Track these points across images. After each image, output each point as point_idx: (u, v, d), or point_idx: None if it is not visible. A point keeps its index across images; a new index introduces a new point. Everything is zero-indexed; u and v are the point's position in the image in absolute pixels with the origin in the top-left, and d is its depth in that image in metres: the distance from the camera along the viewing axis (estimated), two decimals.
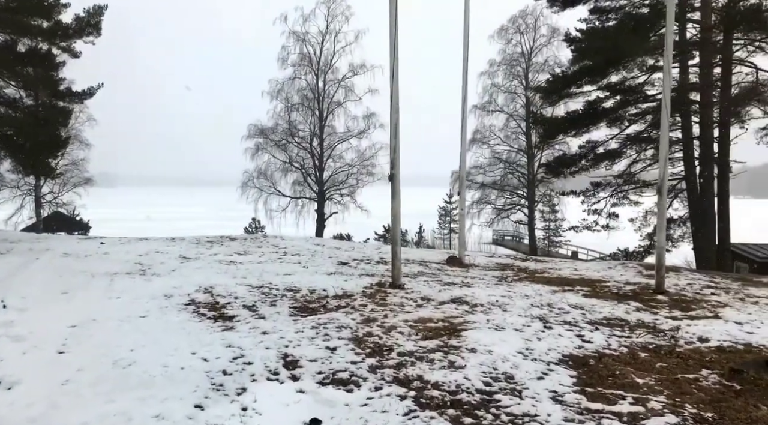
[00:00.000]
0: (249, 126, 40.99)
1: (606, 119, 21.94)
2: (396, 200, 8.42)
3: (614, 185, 26.52)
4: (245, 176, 41.53)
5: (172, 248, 12.74)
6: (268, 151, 41.54)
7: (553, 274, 10.81)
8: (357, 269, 10.67)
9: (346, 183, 42.80)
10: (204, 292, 7.70)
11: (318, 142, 41.75)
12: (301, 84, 41.31)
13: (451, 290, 8.31)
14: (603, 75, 21.44)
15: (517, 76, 43.30)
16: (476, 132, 43.41)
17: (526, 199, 42.70)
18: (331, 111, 42.00)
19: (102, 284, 7.93)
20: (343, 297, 7.57)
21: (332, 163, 42.73)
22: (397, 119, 8.25)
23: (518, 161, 43.32)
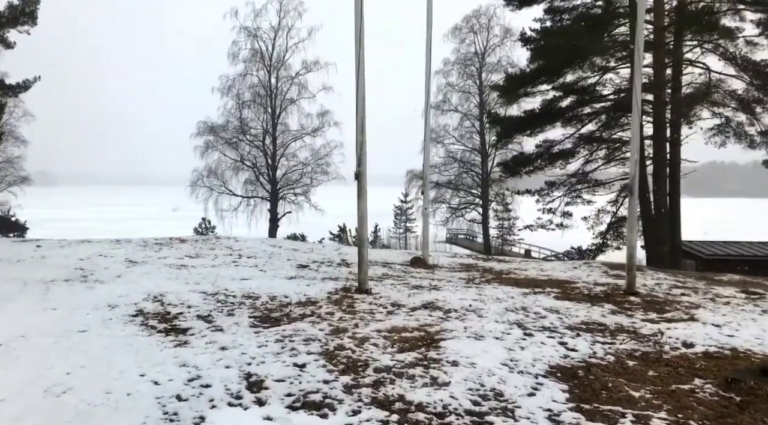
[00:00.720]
0: (198, 123, 39.74)
1: (562, 119, 22.04)
2: (363, 200, 7.94)
3: (568, 184, 26.79)
4: (195, 175, 40.28)
5: (118, 252, 11.89)
6: (219, 149, 40.40)
7: (519, 275, 10.54)
8: (318, 272, 10.13)
9: (300, 182, 42.06)
10: (153, 301, 7.03)
11: (271, 140, 40.84)
12: (252, 80, 40.33)
13: (421, 294, 7.88)
14: (559, 74, 21.52)
15: (471, 76, 43.47)
16: (431, 131, 43.25)
17: (480, 198, 42.90)
18: (284, 108, 41.16)
19: (35, 294, 7.15)
20: (308, 304, 7.04)
21: (285, 161, 41.92)
22: (363, 112, 7.77)
23: (472, 160, 43.48)
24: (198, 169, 39.41)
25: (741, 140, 21.37)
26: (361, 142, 7.78)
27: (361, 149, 7.78)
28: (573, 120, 22.14)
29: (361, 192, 7.91)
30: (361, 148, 7.78)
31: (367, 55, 7.79)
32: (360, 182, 7.87)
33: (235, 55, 39.50)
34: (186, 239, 14.63)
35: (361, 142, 7.78)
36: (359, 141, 7.79)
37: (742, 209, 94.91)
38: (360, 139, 7.79)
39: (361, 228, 8.03)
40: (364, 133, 7.79)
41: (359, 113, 7.76)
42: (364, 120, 7.78)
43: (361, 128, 7.75)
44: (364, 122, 7.78)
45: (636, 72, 8.60)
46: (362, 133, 7.76)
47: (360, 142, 7.79)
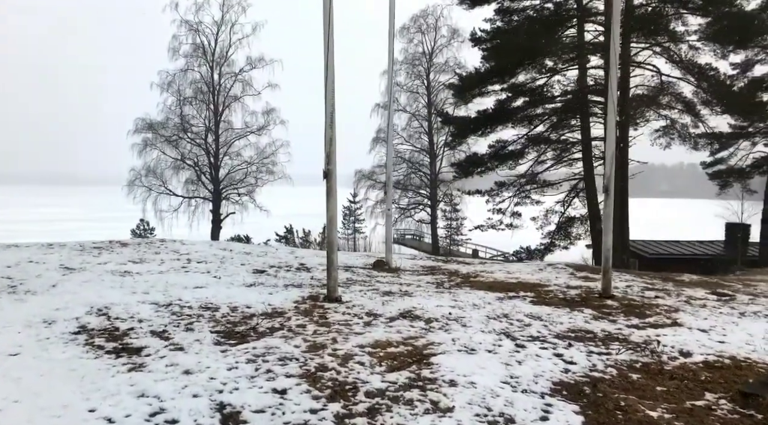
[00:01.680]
0: (136, 120, 37.99)
1: (514, 119, 22.03)
2: (332, 200, 7.34)
3: (517, 184, 26.94)
4: (132, 174, 38.46)
5: (51, 257, 10.82)
6: (158, 147, 38.74)
7: (488, 278, 10.18)
8: (278, 278, 9.45)
9: (245, 182, 40.81)
10: (98, 314, 6.22)
11: (213, 138, 39.43)
12: (194, 76, 38.86)
13: (395, 301, 7.36)
14: (512, 75, 21.49)
15: (419, 76, 43.41)
16: (379, 131, 43.05)
17: (429, 198, 42.84)
18: (227, 106, 39.90)
19: None
20: (275, 316, 6.39)
21: (229, 160, 40.65)
22: (333, 105, 7.18)
23: (421, 160, 43.38)
24: (136, 168, 37.65)
25: (685, 141, 21.94)
26: (330, 137, 7.19)
27: (330, 146, 7.19)
28: (525, 121, 22.18)
29: (331, 192, 7.31)
30: (330, 144, 7.19)
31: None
32: (329, 181, 7.27)
33: (175, 50, 37.98)
34: (127, 243, 13.58)
35: (330, 137, 7.19)
36: (328, 137, 7.20)
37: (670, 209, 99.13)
38: (329, 134, 7.19)
39: (331, 231, 7.43)
40: (333, 128, 7.20)
41: (328, 105, 7.16)
42: (333, 114, 7.19)
43: (330, 122, 7.16)
44: (333, 115, 7.19)
45: (612, 70, 8.37)
46: (331, 127, 7.17)
47: (329, 137, 7.20)
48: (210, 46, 38.55)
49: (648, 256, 27.52)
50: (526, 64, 21.12)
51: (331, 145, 7.21)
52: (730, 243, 28.20)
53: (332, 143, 7.22)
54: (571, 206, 27.13)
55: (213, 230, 38.89)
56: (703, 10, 20.23)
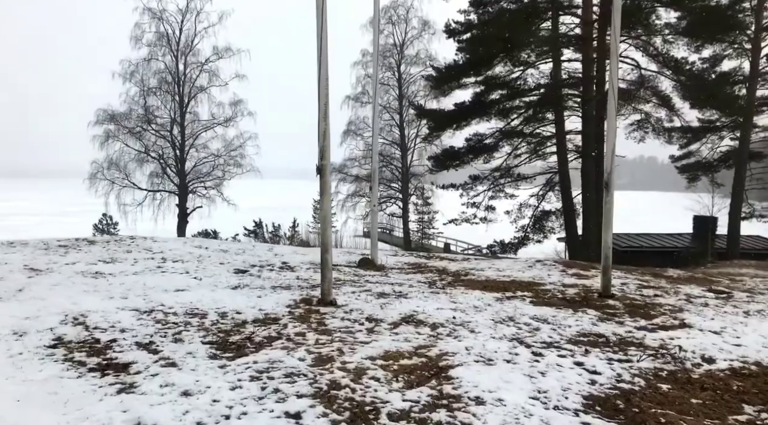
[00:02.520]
0: (97, 111, 36.52)
1: (492, 112, 21.82)
2: (326, 197, 6.91)
3: (491, 178, 26.83)
4: (94, 167, 37.02)
5: (13, 257, 10.10)
6: (121, 139, 37.35)
7: (479, 276, 9.88)
8: (262, 278, 8.96)
9: (212, 175, 39.78)
10: (74, 324, 5.66)
11: (179, 130, 38.26)
12: (158, 66, 37.58)
13: (392, 304, 6.97)
14: (490, 67, 21.25)
15: (390, 68, 42.91)
16: (350, 123, 42.56)
17: (400, 192, 42.52)
18: (193, 96, 38.72)
19: None
20: (269, 322, 5.94)
21: (195, 153, 39.50)
22: (326, 96, 6.73)
23: (392, 153, 42.99)
24: (98, 160, 36.25)
25: (660, 135, 22.09)
26: (324, 130, 6.74)
27: (324, 139, 6.74)
28: (502, 114, 22.00)
29: (325, 188, 6.87)
30: (324, 137, 6.74)
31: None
32: (322, 177, 6.83)
33: (138, 39, 36.60)
34: (95, 241, 12.86)
35: (324, 130, 6.74)
36: (322, 129, 6.75)
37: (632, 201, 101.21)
38: (323, 127, 6.74)
39: (325, 230, 6.99)
40: (327, 120, 6.75)
41: (322, 96, 6.71)
42: (327, 105, 6.74)
43: (324, 114, 6.71)
44: (327, 107, 6.74)
45: (612, 60, 8.10)
46: (325, 120, 6.72)
47: (323, 130, 6.74)
48: (174, 34, 37.31)
49: (620, 249, 27.74)
50: (502, 56, 20.89)
51: (325, 138, 6.76)
52: (698, 236, 28.68)
53: (326, 137, 6.77)
54: (545, 200, 27.18)
55: (179, 225, 37.84)
56: (676, 4, 20.30)
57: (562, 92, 22.78)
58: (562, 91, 22.80)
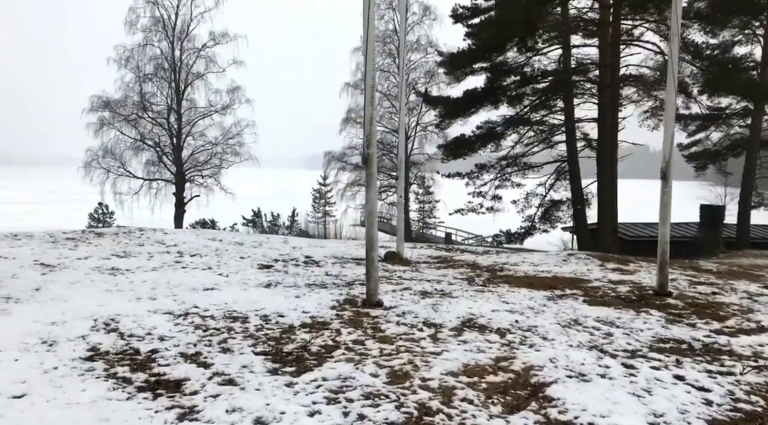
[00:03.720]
0: (92, 97, 35.55)
1: (505, 99, 21.25)
2: (372, 190, 6.35)
3: (498, 167, 26.35)
4: (88, 155, 36.05)
5: (20, 251, 9.50)
6: (116, 127, 36.41)
7: (517, 272, 9.38)
8: (291, 275, 8.42)
9: (209, 163, 38.95)
10: (106, 330, 5.11)
11: (175, 117, 37.38)
12: (154, 52, 36.55)
13: (442, 305, 6.46)
14: (501, 52, 20.65)
15: (391, 55, 42.09)
16: (350, 111, 41.79)
17: None
18: (190, 83, 37.75)
19: None
20: (317, 327, 5.41)
21: (192, 141, 38.58)
22: (373, 79, 6.16)
23: (392, 142, 42.31)
24: (92, 148, 35.35)
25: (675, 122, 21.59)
26: (370, 116, 6.17)
27: (370, 125, 6.17)
28: (515, 100, 21.43)
29: (371, 180, 6.31)
30: (370, 123, 6.17)
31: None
32: (369, 167, 6.26)
33: (132, 23, 35.54)
34: (103, 233, 12.24)
35: (370, 116, 6.17)
36: (368, 115, 6.18)
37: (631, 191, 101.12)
38: (369, 112, 6.17)
39: (371, 226, 6.43)
40: (374, 105, 6.19)
41: (368, 79, 6.13)
42: (374, 89, 6.17)
43: (370, 98, 6.14)
44: (374, 91, 6.17)
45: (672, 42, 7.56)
46: (372, 105, 6.15)
47: (369, 116, 6.18)
48: (170, 19, 36.30)
49: (628, 238, 27.38)
50: (516, 41, 20.28)
51: (372, 124, 6.20)
52: (706, 225, 28.35)
53: (372, 123, 6.20)
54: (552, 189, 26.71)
55: (176, 215, 37.07)
56: None
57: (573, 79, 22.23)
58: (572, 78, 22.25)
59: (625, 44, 20.27)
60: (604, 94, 19.12)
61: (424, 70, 41.48)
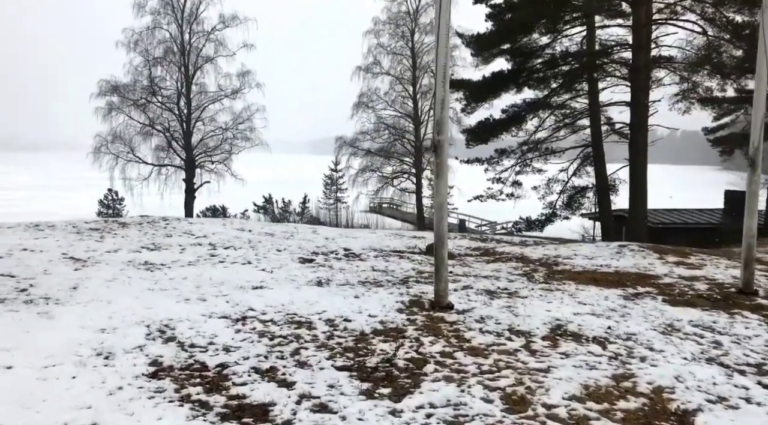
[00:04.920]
0: (100, 82, 34.76)
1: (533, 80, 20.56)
2: (442, 180, 5.77)
3: (519, 152, 25.71)
4: (97, 141, 35.37)
5: (46, 243, 8.97)
6: (124, 111, 35.71)
7: (574, 266, 8.82)
8: (337, 270, 7.88)
9: (220, 149, 38.24)
10: (163, 339, 4.57)
11: (185, 102, 36.66)
12: (163, 35, 35.71)
13: (516, 307, 5.90)
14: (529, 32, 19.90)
15: (403, 37, 41.18)
16: (362, 95, 40.91)
17: (413, 167, 41.21)
18: (199, 67, 36.95)
19: None
20: (393, 335, 4.86)
21: (202, 126, 37.86)
22: (446, 58, 5.54)
23: (405, 127, 41.56)
24: (102, 133, 34.70)
25: (707, 106, 20.88)
26: (442, 98, 5.57)
27: (442, 108, 5.57)
28: (542, 83, 20.72)
29: (441, 169, 5.73)
30: (442, 106, 5.57)
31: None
32: (439, 155, 5.68)
33: (141, 6, 34.69)
34: (127, 223, 11.69)
35: (442, 98, 5.57)
36: (440, 97, 5.57)
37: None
38: (441, 94, 5.57)
39: (441, 220, 5.84)
40: (446, 86, 5.58)
41: (441, 56, 5.52)
42: (447, 68, 5.56)
43: (443, 77, 5.54)
44: (447, 71, 5.56)
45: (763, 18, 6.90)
46: (444, 86, 5.55)
47: (441, 98, 5.57)
48: (179, 1, 35.53)
49: (653, 226, 26.75)
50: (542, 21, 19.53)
51: (444, 108, 5.60)
52: (731, 212, 27.72)
53: (444, 106, 5.60)
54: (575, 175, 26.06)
55: (186, 201, 36.50)
56: None
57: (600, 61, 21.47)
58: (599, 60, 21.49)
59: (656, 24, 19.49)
60: (638, 76, 18.38)
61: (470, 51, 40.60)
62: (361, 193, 41.81)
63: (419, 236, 13.25)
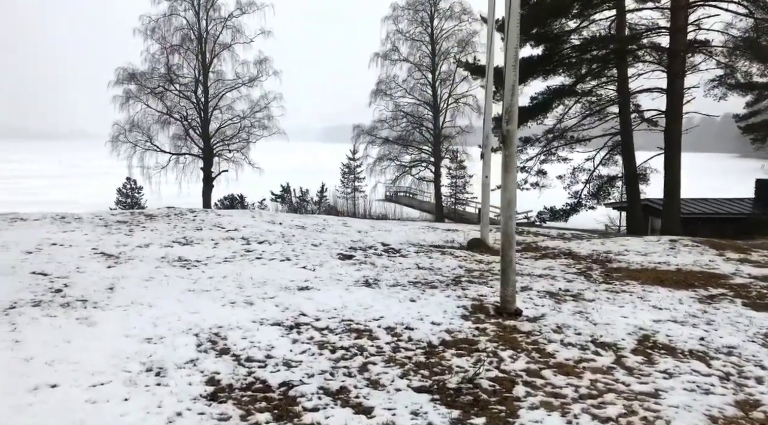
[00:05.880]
0: (117, 70, 34.33)
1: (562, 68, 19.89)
2: (511, 174, 5.30)
3: (544, 140, 25.09)
4: (115, 129, 35.03)
5: (74, 237, 8.60)
6: (142, 100, 35.32)
7: (630, 263, 8.30)
8: (380, 267, 7.42)
9: (237, 137, 37.78)
10: (215, 350, 4.14)
11: (202, 90, 36.21)
12: (180, 22, 35.17)
13: (587, 312, 5.42)
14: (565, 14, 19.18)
15: (422, 23, 40.38)
16: (380, 82, 40.18)
17: (431, 155, 40.57)
18: (216, 54, 36.40)
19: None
20: (464, 347, 4.41)
21: (219, 114, 37.40)
22: (516, 39, 5.03)
23: (424, 114, 40.85)
24: (119, 122, 34.39)
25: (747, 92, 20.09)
26: (512, 82, 5.06)
27: (512, 94, 5.07)
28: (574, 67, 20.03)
29: (510, 162, 5.24)
30: (512, 92, 5.06)
31: None
32: (508, 146, 5.18)
33: None
34: (154, 215, 11.31)
35: (512, 82, 5.06)
36: (510, 82, 5.06)
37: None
38: (511, 78, 5.06)
39: (509, 220, 5.35)
40: (516, 70, 5.06)
41: (511, 37, 5.00)
42: (517, 50, 5.04)
43: (513, 60, 5.02)
44: (517, 52, 5.04)
45: None
46: (514, 70, 5.03)
47: (511, 83, 5.06)
48: None
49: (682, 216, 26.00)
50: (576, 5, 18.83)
51: (513, 94, 5.09)
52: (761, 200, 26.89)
53: (514, 92, 5.09)
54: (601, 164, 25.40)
55: (204, 190, 36.17)
56: None
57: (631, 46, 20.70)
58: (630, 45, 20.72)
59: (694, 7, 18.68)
60: (676, 61, 17.64)
61: (457, 39, 39.73)
62: (378, 182, 41.27)
63: (453, 228, 12.77)
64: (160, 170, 36.51)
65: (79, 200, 42.14)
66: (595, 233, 15.72)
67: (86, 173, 61.53)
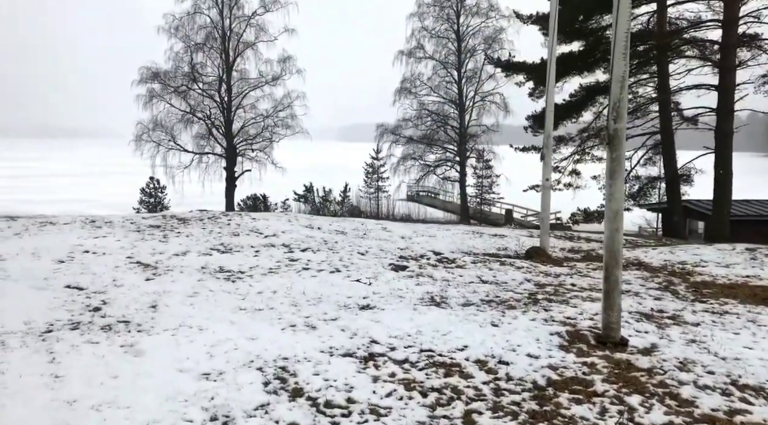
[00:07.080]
0: (141, 69, 33.95)
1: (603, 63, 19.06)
2: (619, 180, 4.55)
3: (578, 139, 24.27)
4: (139, 128, 34.67)
5: (108, 243, 8.02)
6: (165, 99, 34.92)
7: (716, 277, 7.50)
8: (441, 281, 6.72)
9: (261, 136, 37.23)
10: (287, 392, 3.47)
11: (225, 89, 35.74)
12: (203, 20, 34.74)
13: (703, 342, 4.67)
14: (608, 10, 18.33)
15: (448, 20, 39.55)
16: (404, 81, 39.42)
17: (457, 154, 39.71)
18: (240, 53, 35.92)
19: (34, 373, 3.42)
20: (578, 389, 3.69)
21: (243, 113, 36.87)
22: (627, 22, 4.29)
23: (449, 113, 40.00)
24: (143, 121, 34.02)
25: None
26: (621, 74, 4.32)
27: (621, 88, 4.33)
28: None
29: (617, 167, 4.49)
30: (621, 86, 4.33)
31: None
32: (615, 148, 4.44)
33: None
34: (186, 218, 10.71)
35: (621, 74, 4.32)
36: (618, 73, 4.33)
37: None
38: (621, 70, 4.33)
39: (615, 233, 4.61)
40: (627, 59, 4.32)
41: (621, 23, 4.27)
42: (628, 36, 4.30)
43: (623, 47, 4.29)
44: (628, 40, 4.30)
45: None
46: (624, 60, 4.30)
47: (620, 74, 4.33)
48: None
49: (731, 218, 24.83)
50: None
51: (623, 88, 4.35)
52: None
53: (624, 85, 4.35)
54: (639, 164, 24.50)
55: (227, 190, 35.71)
56: None
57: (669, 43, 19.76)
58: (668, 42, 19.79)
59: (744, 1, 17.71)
60: (728, 55, 16.70)
61: (483, 36, 38.89)
62: (402, 181, 40.55)
63: (500, 234, 12.03)
64: (183, 169, 36.09)
65: (101, 200, 41.98)
66: (639, 237, 14.89)
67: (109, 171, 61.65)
